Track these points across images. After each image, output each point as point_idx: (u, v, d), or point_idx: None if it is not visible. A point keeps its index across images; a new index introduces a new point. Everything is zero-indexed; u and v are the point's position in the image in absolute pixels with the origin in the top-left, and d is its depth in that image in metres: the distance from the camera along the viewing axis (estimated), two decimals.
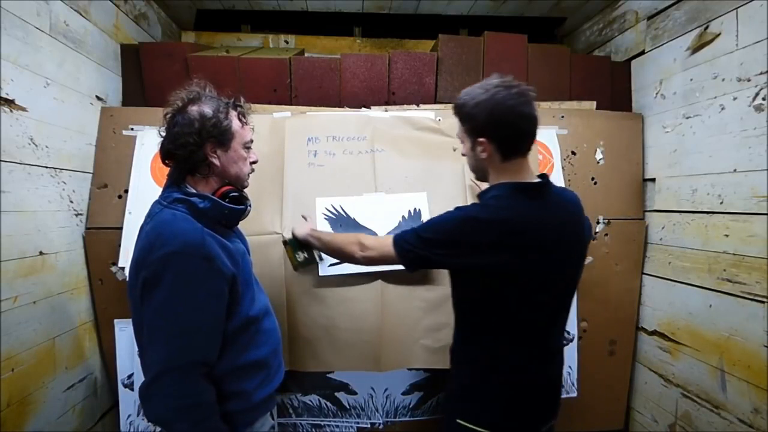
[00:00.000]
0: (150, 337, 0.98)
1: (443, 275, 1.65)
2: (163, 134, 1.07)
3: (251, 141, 1.15)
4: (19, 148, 1.37)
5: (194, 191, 1.07)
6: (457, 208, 1.11)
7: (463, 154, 1.18)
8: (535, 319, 1.11)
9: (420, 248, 1.12)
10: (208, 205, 1.04)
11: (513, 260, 1.04)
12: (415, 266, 1.17)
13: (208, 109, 1.05)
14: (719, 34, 1.57)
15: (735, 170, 1.50)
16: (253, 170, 1.18)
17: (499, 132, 1.05)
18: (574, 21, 2.53)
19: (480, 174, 1.18)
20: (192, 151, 1.03)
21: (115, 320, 1.69)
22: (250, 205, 1.16)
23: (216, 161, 1.07)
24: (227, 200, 1.10)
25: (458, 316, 1.21)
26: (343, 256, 1.38)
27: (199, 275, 0.97)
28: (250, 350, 1.10)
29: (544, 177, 1.12)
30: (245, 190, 1.19)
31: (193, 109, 1.05)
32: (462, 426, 1.11)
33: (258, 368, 1.12)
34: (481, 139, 1.07)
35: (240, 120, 1.12)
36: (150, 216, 1.05)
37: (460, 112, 1.10)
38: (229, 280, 1.03)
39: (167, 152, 1.06)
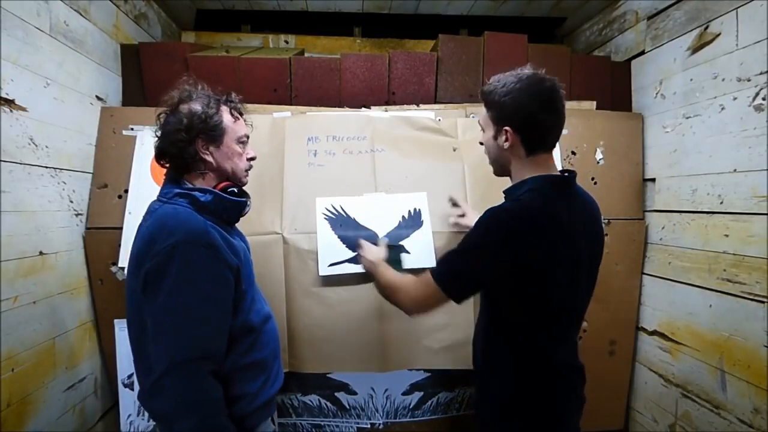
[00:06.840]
0: (156, 333, 0.95)
1: None
2: (158, 135, 1.08)
3: (246, 136, 1.15)
4: (19, 148, 1.37)
5: (194, 186, 1.07)
6: (487, 210, 1.03)
7: (481, 143, 1.14)
8: (561, 320, 1.09)
9: (458, 263, 1.03)
10: (209, 198, 1.04)
11: (548, 253, 0.99)
12: (459, 290, 1.05)
13: (196, 106, 1.07)
14: (719, 34, 1.57)
15: (735, 170, 1.50)
16: (251, 167, 1.18)
17: (526, 123, 1.02)
18: (574, 21, 2.53)
19: (498, 167, 1.14)
20: (182, 148, 1.04)
21: (115, 320, 1.69)
22: (249, 200, 1.16)
23: (209, 157, 1.07)
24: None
25: (490, 324, 1.14)
26: (391, 301, 1.20)
27: (204, 264, 0.96)
28: (254, 350, 1.09)
29: (571, 172, 1.10)
30: (245, 188, 1.18)
31: (184, 108, 1.07)
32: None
33: (260, 369, 1.12)
34: (506, 128, 1.04)
35: (232, 115, 1.12)
36: (149, 213, 1.05)
37: (488, 97, 1.06)
38: (234, 270, 1.02)
39: (160, 151, 1.08)
